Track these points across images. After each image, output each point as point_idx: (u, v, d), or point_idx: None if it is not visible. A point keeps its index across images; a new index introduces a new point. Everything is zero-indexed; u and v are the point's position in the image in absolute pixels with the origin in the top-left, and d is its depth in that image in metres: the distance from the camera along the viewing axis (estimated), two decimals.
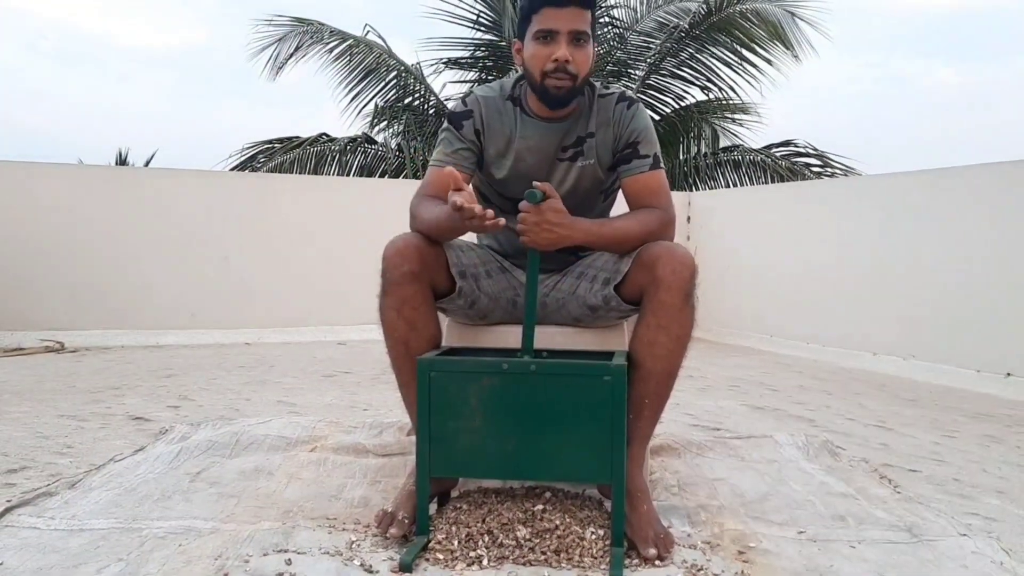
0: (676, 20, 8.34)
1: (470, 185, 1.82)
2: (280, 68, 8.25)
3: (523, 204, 1.61)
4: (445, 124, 1.87)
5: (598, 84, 1.88)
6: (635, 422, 1.67)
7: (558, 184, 1.84)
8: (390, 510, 1.67)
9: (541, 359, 1.63)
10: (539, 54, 1.73)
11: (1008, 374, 3.72)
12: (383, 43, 8.52)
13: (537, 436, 1.58)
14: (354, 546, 1.59)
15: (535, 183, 1.61)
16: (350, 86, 8.43)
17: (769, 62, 8.09)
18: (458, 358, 1.66)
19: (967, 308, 3.98)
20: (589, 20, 1.73)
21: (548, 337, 1.82)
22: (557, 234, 1.63)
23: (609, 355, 1.68)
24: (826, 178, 7.94)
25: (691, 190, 8.02)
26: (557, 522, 1.60)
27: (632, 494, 1.61)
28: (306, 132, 8.65)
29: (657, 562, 1.53)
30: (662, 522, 1.64)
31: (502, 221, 1.53)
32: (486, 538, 1.57)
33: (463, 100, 1.88)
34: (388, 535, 1.61)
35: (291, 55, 8.20)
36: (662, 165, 1.84)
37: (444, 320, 1.90)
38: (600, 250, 1.83)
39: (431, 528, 1.62)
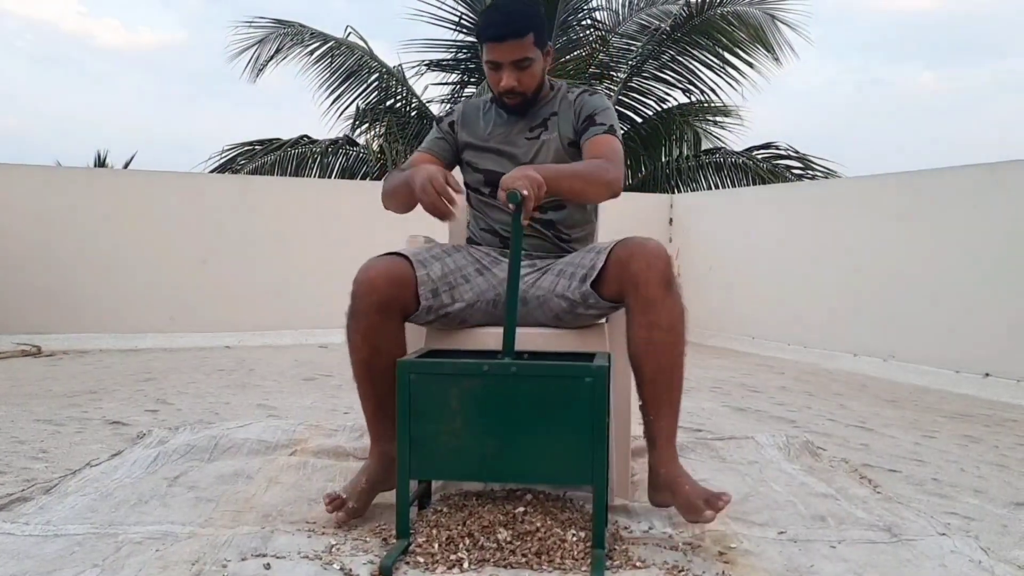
0: (658, 23, 8.37)
1: (459, 177, 1.99)
2: (261, 70, 8.20)
3: (511, 208, 1.59)
4: (435, 123, 2.16)
5: (565, 84, 2.07)
6: (656, 422, 1.70)
7: (524, 157, 1.99)
8: (344, 496, 1.72)
9: (522, 361, 1.62)
10: (491, 79, 1.96)
11: (986, 374, 3.75)
12: (364, 45, 8.48)
13: (518, 438, 1.57)
14: (334, 550, 1.58)
15: (503, 186, 1.59)
16: (331, 88, 8.39)
17: (751, 65, 8.12)
18: (438, 360, 1.65)
19: (946, 309, 4.01)
20: (530, 43, 1.89)
21: (529, 339, 1.81)
22: (529, 176, 1.61)
23: (590, 356, 1.67)
24: (807, 180, 7.98)
25: (673, 192, 8.04)
26: (538, 524, 1.60)
27: (673, 483, 1.66)
28: (287, 134, 8.59)
29: (708, 512, 1.58)
30: (702, 489, 1.65)
31: (455, 214, 1.70)
32: (467, 541, 1.56)
33: (452, 104, 2.03)
34: (335, 517, 1.70)
35: (272, 57, 8.15)
36: (618, 135, 1.94)
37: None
38: (563, 187, 1.75)
39: (411, 531, 1.61)
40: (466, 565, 1.49)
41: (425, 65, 8.65)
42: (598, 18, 8.86)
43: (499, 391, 1.57)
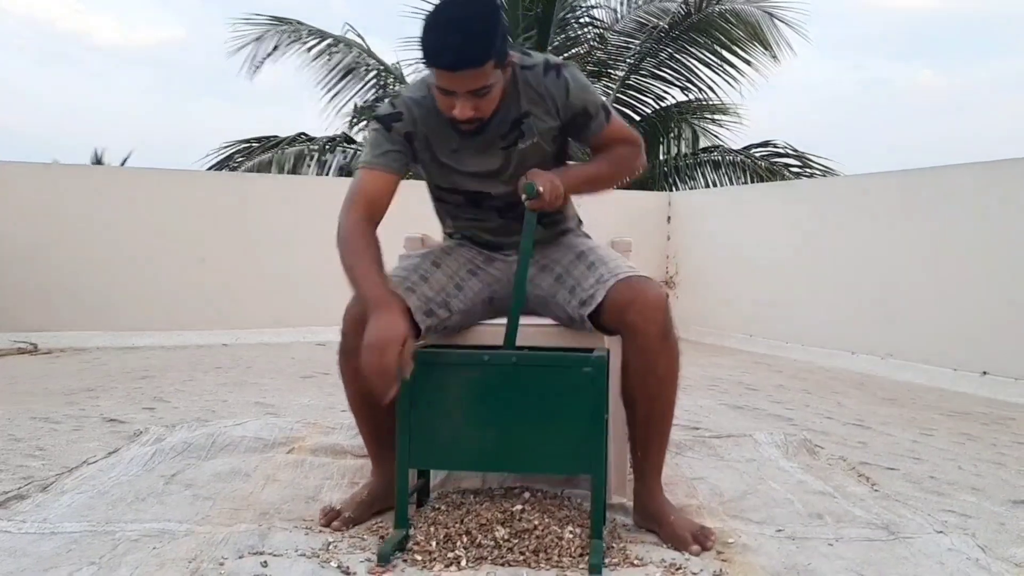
0: (656, 20, 8.36)
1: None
2: (258, 67, 8.20)
3: (524, 197, 1.66)
4: (374, 124, 1.78)
5: (517, 56, 1.72)
6: (644, 459, 1.72)
7: (503, 171, 1.78)
8: (338, 508, 1.73)
9: (522, 351, 1.63)
10: (441, 104, 1.64)
11: (984, 373, 3.75)
12: (362, 42, 8.48)
13: (518, 428, 1.58)
14: (331, 547, 1.57)
15: (524, 178, 1.66)
16: (329, 85, 8.39)
17: (748, 63, 8.13)
18: (439, 350, 1.66)
19: (944, 307, 4.01)
20: (489, 70, 1.56)
21: (528, 336, 1.81)
22: (553, 182, 1.68)
23: (589, 351, 1.67)
24: (805, 178, 7.98)
25: (671, 190, 8.04)
26: (536, 522, 1.60)
27: (657, 514, 1.68)
28: (285, 131, 8.60)
29: (694, 547, 1.59)
30: (687, 521, 1.68)
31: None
32: (464, 538, 1.56)
33: (391, 102, 1.78)
34: (331, 527, 1.68)
35: (269, 54, 8.16)
36: (611, 110, 1.81)
37: None
38: (583, 192, 1.83)
39: (410, 526, 1.60)
40: (464, 563, 1.49)
41: (423, 63, 8.63)
42: (596, 16, 8.86)
43: (500, 381, 1.57)
